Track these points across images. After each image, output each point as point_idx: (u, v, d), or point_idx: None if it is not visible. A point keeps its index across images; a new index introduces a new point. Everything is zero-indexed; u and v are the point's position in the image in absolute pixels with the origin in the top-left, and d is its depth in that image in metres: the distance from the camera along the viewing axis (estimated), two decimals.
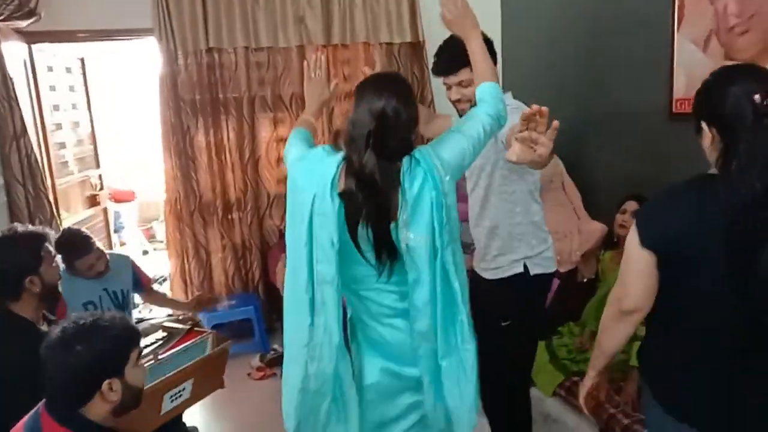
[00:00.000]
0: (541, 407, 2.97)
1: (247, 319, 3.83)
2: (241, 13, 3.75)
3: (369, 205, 1.50)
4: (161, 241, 6.81)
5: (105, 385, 1.46)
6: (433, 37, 4.13)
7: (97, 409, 1.48)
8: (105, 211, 4.55)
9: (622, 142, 3.39)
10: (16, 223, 2.14)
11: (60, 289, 2.09)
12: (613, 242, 3.17)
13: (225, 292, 4.03)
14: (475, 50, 1.77)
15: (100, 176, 4.45)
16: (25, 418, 1.49)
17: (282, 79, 3.93)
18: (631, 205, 2.98)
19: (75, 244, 2.60)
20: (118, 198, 5.74)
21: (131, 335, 1.55)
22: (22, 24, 3.08)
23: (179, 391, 2.11)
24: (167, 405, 2.08)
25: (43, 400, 1.50)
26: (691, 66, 2.91)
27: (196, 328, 2.49)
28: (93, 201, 4.23)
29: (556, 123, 1.37)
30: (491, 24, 4.34)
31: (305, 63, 2.07)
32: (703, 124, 1.40)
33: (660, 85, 3.05)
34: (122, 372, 1.51)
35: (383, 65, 3.73)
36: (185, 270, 3.94)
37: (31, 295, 2.00)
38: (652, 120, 3.12)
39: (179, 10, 3.63)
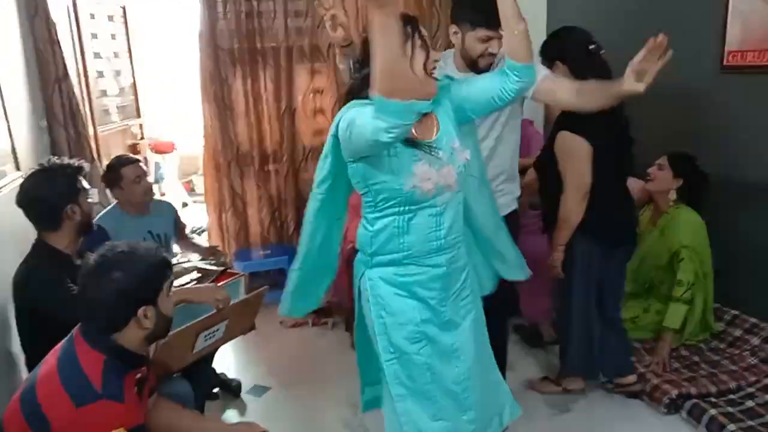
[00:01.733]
0: None
1: (280, 269, 3.87)
2: None
3: None
4: (200, 194, 6.93)
5: (140, 311, 1.51)
6: None
7: (131, 336, 1.52)
8: (146, 160, 4.63)
9: (669, 97, 3.23)
10: (52, 156, 2.20)
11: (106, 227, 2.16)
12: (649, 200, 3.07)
13: (260, 243, 4.09)
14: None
15: (140, 126, 4.52)
16: (62, 341, 1.55)
17: (320, 28, 3.88)
18: (661, 159, 2.90)
19: (122, 156, 2.78)
20: (159, 149, 5.82)
21: (165, 265, 1.59)
22: None
23: (213, 332, 2.15)
24: (200, 344, 2.13)
25: (78, 324, 1.55)
26: (748, 14, 2.75)
27: (229, 270, 2.53)
28: (134, 150, 4.32)
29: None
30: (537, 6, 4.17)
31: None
32: None
33: (713, 35, 2.90)
34: (156, 300, 1.55)
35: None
36: (222, 220, 4.00)
37: (70, 225, 2.06)
38: (702, 73, 2.98)
39: None
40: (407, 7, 3.80)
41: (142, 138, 4.50)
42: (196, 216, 5.53)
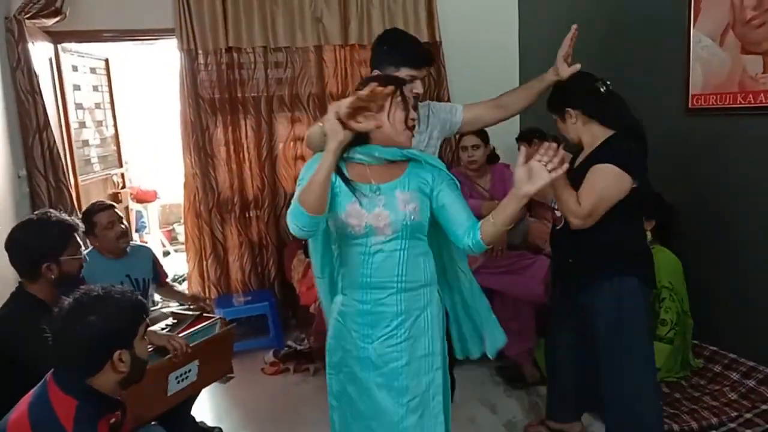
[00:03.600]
0: None
1: (262, 315, 3.85)
2: (260, 13, 3.82)
3: None
4: (182, 243, 6.91)
5: (116, 355, 1.50)
6: (449, 36, 4.17)
7: (105, 380, 1.51)
8: (127, 209, 4.64)
9: None
10: (50, 210, 2.20)
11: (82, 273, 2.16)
12: None
13: (241, 289, 4.08)
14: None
15: (122, 175, 4.55)
16: (35, 388, 1.53)
17: (300, 78, 3.98)
18: None
19: (97, 203, 2.81)
20: (141, 198, 5.84)
21: (140, 308, 1.59)
22: (48, 22, 3.18)
23: (185, 372, 2.14)
24: (173, 386, 2.11)
25: (51, 370, 1.53)
26: (708, 60, 2.89)
27: (204, 314, 2.53)
28: (115, 198, 4.32)
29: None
30: (509, 24, 4.35)
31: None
32: None
33: (676, 81, 3.03)
34: (131, 344, 1.54)
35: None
36: (203, 266, 4.00)
37: (46, 279, 2.05)
38: (669, 115, 3.09)
39: (199, 10, 3.71)
40: None
41: (123, 187, 4.51)
42: (177, 264, 5.50)
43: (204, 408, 3.03)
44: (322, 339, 3.14)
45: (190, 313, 2.49)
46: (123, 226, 2.76)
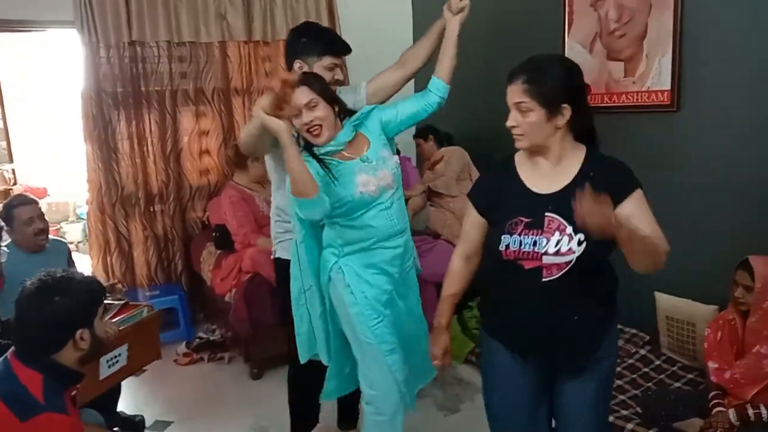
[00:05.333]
0: (455, 372, 3.27)
1: (171, 308, 3.88)
2: (164, 7, 3.83)
3: None
4: (71, 242, 6.63)
5: (78, 333, 1.60)
6: (349, 33, 4.37)
7: (68, 356, 1.61)
8: None
9: None
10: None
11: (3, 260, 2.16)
12: None
13: (147, 284, 4.07)
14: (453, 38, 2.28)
15: (13, 170, 4.36)
16: None
17: (204, 73, 4.04)
18: None
19: (19, 196, 2.82)
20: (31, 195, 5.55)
21: (99, 290, 1.71)
22: None
23: (115, 357, 2.21)
24: (104, 370, 2.18)
25: (12, 348, 1.59)
26: (580, 65, 3.30)
27: (130, 302, 2.58)
28: (6, 195, 4.15)
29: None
30: (403, 29, 4.64)
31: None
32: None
33: None
34: (92, 323, 1.64)
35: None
36: (107, 262, 3.95)
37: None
38: None
39: (101, 3, 3.66)
40: None
41: (14, 183, 4.33)
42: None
43: (124, 398, 3.04)
44: (241, 326, 3.27)
45: (116, 302, 2.53)
46: (42, 224, 2.73)
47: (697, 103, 2.83)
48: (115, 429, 2.77)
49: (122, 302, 2.53)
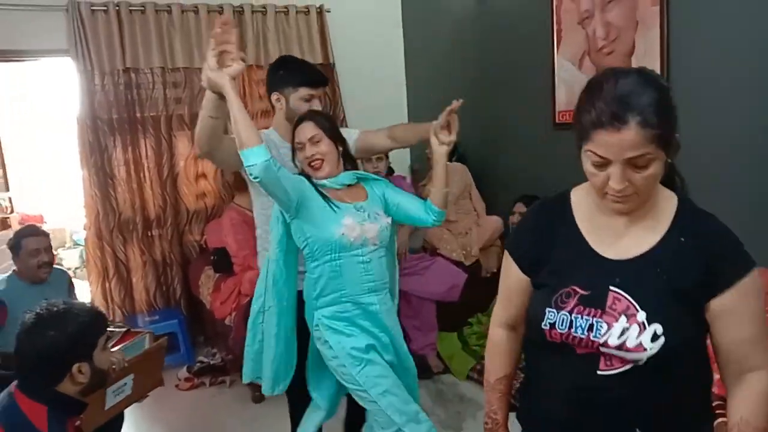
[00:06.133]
0: (456, 389, 3.28)
1: (171, 333, 3.87)
2: (157, 35, 3.88)
3: None
4: (68, 268, 6.63)
5: (75, 368, 1.60)
6: (342, 58, 4.44)
7: (69, 388, 1.61)
8: None
9: (515, 149, 3.82)
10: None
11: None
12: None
13: (147, 309, 4.07)
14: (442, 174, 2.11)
15: (10, 199, 4.37)
16: None
17: (198, 97, 4.06)
18: (519, 207, 3.39)
19: (30, 226, 2.85)
20: (26, 223, 5.56)
21: (99, 322, 1.70)
22: None
23: (121, 387, 2.21)
24: (110, 400, 2.17)
25: (15, 381, 1.60)
26: (570, 81, 3.37)
27: (132, 329, 2.59)
28: (4, 224, 4.16)
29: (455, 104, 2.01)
30: (395, 53, 4.72)
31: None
32: None
33: (545, 99, 3.49)
34: (91, 356, 1.64)
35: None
36: (106, 288, 3.95)
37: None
38: (540, 129, 3.56)
39: (95, 32, 3.72)
40: None
41: (12, 212, 4.33)
42: None
43: (126, 423, 3.03)
44: (242, 347, 3.27)
45: (118, 329, 2.54)
46: (47, 257, 2.75)
47: (686, 119, 2.85)
48: None
49: (123, 329, 2.54)
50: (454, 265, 3.56)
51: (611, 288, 1.13)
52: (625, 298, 1.12)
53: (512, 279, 1.30)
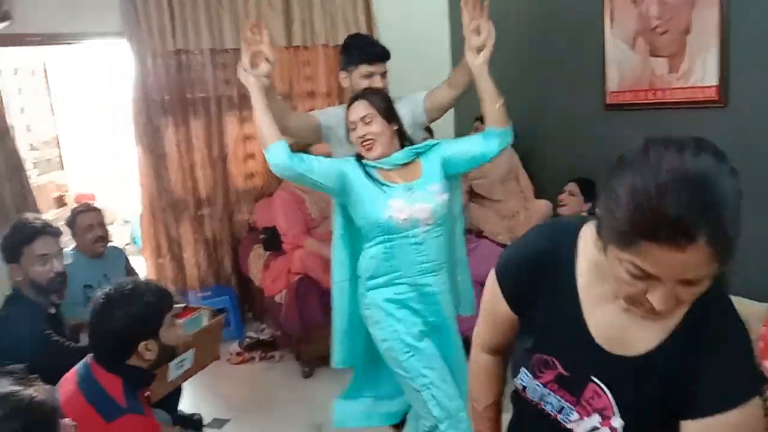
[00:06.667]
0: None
1: (222, 309, 3.99)
2: (207, 16, 3.93)
3: None
4: (116, 246, 6.83)
5: (141, 346, 1.68)
6: (387, 36, 4.43)
7: (138, 362, 1.69)
8: None
9: (565, 131, 3.77)
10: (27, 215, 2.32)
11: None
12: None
13: (198, 285, 4.19)
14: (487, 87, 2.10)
15: (65, 178, 4.52)
16: (75, 368, 1.69)
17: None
18: (570, 186, 3.35)
19: (83, 204, 2.99)
20: (79, 201, 5.76)
21: (164, 300, 1.77)
22: None
23: (182, 360, 2.31)
24: (173, 372, 2.28)
25: (90, 354, 1.70)
26: (622, 62, 3.31)
27: (190, 306, 2.69)
28: (60, 202, 4.31)
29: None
30: (440, 18, 4.67)
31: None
32: None
33: (596, 80, 3.43)
34: (157, 333, 1.72)
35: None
36: (160, 265, 4.08)
37: (18, 277, 2.19)
38: (591, 111, 3.51)
39: (147, 14, 3.78)
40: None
41: (67, 190, 4.49)
42: None
43: (181, 398, 3.17)
44: (292, 326, 3.36)
45: (176, 306, 2.63)
46: (101, 232, 2.86)
47: (745, 98, 2.81)
48: (177, 427, 2.89)
49: (181, 306, 2.64)
50: (499, 247, 3.57)
51: (593, 379, 0.97)
52: (606, 396, 0.96)
53: (499, 310, 1.12)
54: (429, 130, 3.96)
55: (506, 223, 3.71)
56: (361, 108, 2.01)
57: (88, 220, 2.85)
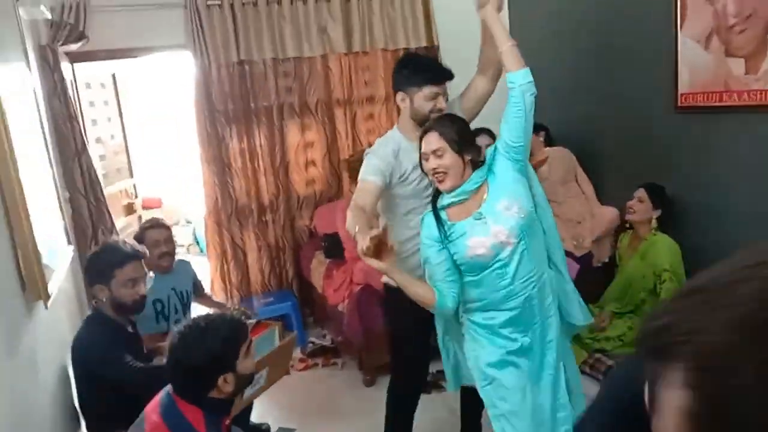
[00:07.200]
0: None
1: (284, 314, 4.06)
2: (269, 26, 3.99)
3: None
4: (181, 245, 7.06)
5: (220, 380, 1.70)
6: (446, 40, 4.39)
7: (218, 394, 1.73)
8: (139, 218, 4.78)
9: (632, 133, 3.64)
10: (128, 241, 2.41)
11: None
12: (626, 227, 3.43)
13: (261, 290, 4.28)
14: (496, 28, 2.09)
15: (134, 185, 4.68)
16: (158, 397, 1.74)
17: (308, 86, 4.18)
18: (640, 192, 3.23)
19: (152, 219, 3.03)
20: (147, 205, 5.96)
21: (239, 333, 1.77)
22: (74, 47, 3.31)
23: (257, 379, 2.35)
24: (248, 391, 2.32)
25: (169, 385, 1.75)
26: (694, 62, 3.17)
27: (262, 321, 2.73)
28: (130, 209, 4.47)
29: None
30: None
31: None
32: None
33: (666, 81, 3.29)
34: (234, 366, 1.74)
35: None
36: (225, 270, 4.18)
37: (105, 299, 2.26)
38: (660, 113, 3.38)
39: (211, 26, 3.87)
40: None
41: (136, 197, 4.65)
42: None
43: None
44: (355, 335, 3.39)
45: (249, 321, 2.68)
46: (166, 248, 2.94)
47: None
48: None
49: (254, 322, 2.68)
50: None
51: None
52: None
53: None
54: (490, 134, 3.91)
55: (571, 230, 3.63)
56: (433, 140, 1.95)
57: (155, 236, 2.92)
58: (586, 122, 3.94)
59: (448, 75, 2.31)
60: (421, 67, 2.30)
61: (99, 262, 2.32)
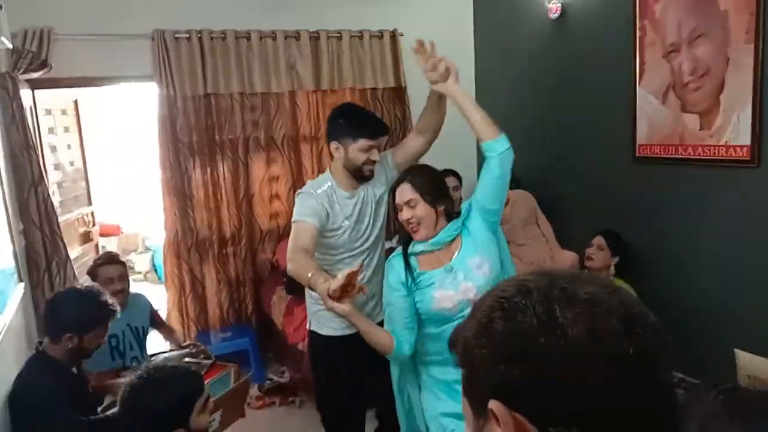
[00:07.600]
0: None
1: (242, 350, 3.98)
2: (237, 61, 3.98)
3: None
4: (139, 272, 6.91)
5: None
6: (414, 81, 4.45)
7: None
8: (96, 246, 4.67)
9: (591, 181, 3.75)
10: (96, 287, 2.33)
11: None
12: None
13: (219, 325, 4.20)
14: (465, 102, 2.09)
15: (92, 213, 4.57)
16: None
17: (275, 121, 4.17)
18: (598, 240, 3.31)
19: (105, 254, 2.98)
20: (105, 232, 5.83)
21: (194, 389, 1.74)
22: (35, 75, 3.24)
23: (210, 422, 2.29)
24: None
25: None
26: (653, 115, 3.29)
27: (218, 363, 2.68)
28: (86, 237, 4.36)
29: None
30: (466, 79, 4.67)
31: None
32: None
33: (625, 131, 3.41)
34: (187, 422, 1.70)
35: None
36: (182, 303, 4.10)
37: (64, 347, 2.18)
38: (618, 162, 3.48)
39: (178, 58, 3.84)
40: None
41: (93, 225, 4.54)
42: None
43: None
44: (305, 372, 3.34)
45: (205, 362, 2.63)
46: (120, 285, 2.86)
47: None
48: None
49: (210, 362, 2.63)
50: None
51: None
52: None
53: None
54: (456, 176, 3.96)
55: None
56: (406, 192, 1.98)
57: (110, 273, 2.85)
58: (549, 168, 4.04)
59: (384, 131, 2.36)
60: (358, 121, 2.33)
61: (89, 317, 2.19)
